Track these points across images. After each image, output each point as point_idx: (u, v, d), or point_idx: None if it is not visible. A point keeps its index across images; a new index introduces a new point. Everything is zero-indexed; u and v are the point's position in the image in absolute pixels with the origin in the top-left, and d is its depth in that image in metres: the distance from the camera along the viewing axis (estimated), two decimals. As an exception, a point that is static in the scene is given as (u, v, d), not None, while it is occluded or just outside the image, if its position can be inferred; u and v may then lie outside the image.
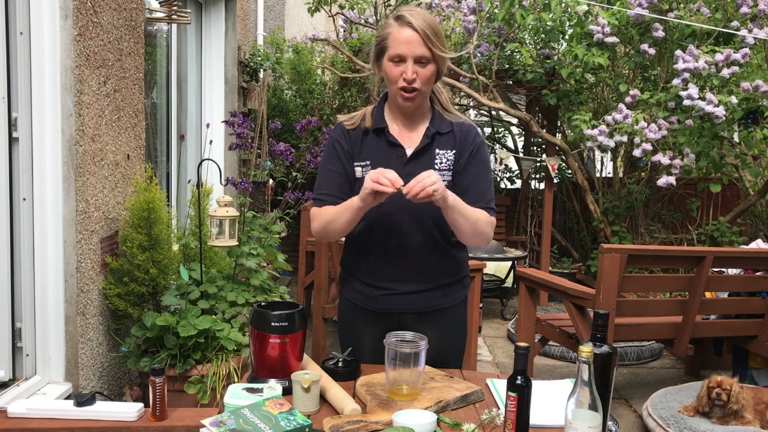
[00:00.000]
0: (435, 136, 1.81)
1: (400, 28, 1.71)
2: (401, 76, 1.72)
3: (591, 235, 6.45)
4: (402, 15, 1.72)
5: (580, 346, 1.28)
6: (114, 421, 2.02)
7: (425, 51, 1.70)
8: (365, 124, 1.83)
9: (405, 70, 1.71)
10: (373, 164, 1.78)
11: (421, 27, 1.69)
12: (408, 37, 1.69)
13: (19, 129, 2.48)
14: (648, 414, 3.23)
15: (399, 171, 1.70)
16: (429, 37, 1.69)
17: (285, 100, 6.73)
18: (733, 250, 4.03)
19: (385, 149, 1.81)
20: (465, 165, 1.81)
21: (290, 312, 1.64)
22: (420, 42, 1.69)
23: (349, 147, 1.83)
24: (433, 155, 1.80)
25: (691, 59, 4.46)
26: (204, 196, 3.25)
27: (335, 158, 1.84)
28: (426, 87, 1.76)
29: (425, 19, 1.71)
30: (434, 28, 1.71)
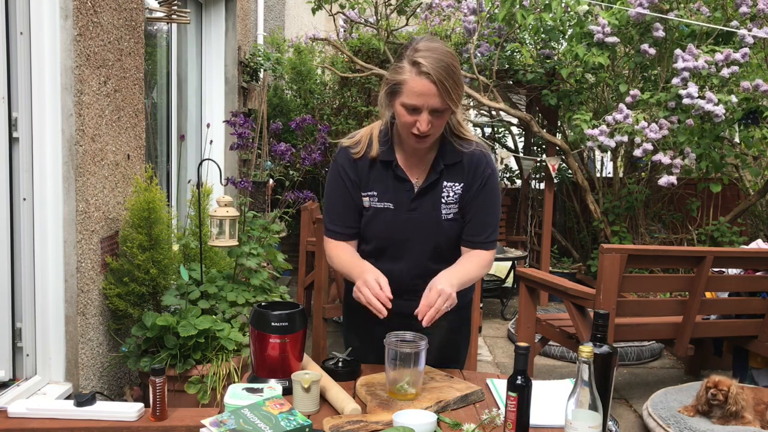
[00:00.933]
0: (443, 170, 1.74)
1: (416, 77, 1.58)
2: (414, 125, 1.62)
3: (591, 235, 6.45)
4: (419, 62, 1.57)
5: (580, 346, 1.28)
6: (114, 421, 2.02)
7: (442, 103, 1.59)
8: (371, 153, 1.74)
9: (419, 120, 1.61)
10: (380, 197, 1.76)
11: (439, 78, 1.56)
12: (424, 89, 1.57)
13: (19, 129, 2.48)
14: (648, 414, 3.23)
15: (406, 204, 1.75)
16: (447, 87, 1.57)
17: (285, 100, 6.73)
18: (733, 250, 4.03)
19: (393, 182, 1.75)
20: (472, 197, 1.76)
21: (290, 312, 1.64)
22: (437, 94, 1.57)
23: (356, 177, 1.76)
24: (440, 189, 1.75)
25: (691, 58, 4.46)
26: (204, 196, 3.25)
27: (343, 188, 1.77)
28: (438, 132, 1.68)
29: (443, 64, 1.57)
30: (453, 76, 1.58)
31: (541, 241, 6.01)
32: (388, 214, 1.76)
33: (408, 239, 1.77)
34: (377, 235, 1.78)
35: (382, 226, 1.77)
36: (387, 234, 1.77)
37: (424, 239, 1.77)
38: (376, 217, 1.77)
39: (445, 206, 1.75)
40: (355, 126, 6.19)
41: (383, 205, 1.76)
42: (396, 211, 1.75)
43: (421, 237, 1.76)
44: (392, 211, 1.75)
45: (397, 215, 1.75)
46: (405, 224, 1.75)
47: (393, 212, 1.75)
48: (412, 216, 1.75)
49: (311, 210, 5.06)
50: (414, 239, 1.77)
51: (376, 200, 1.76)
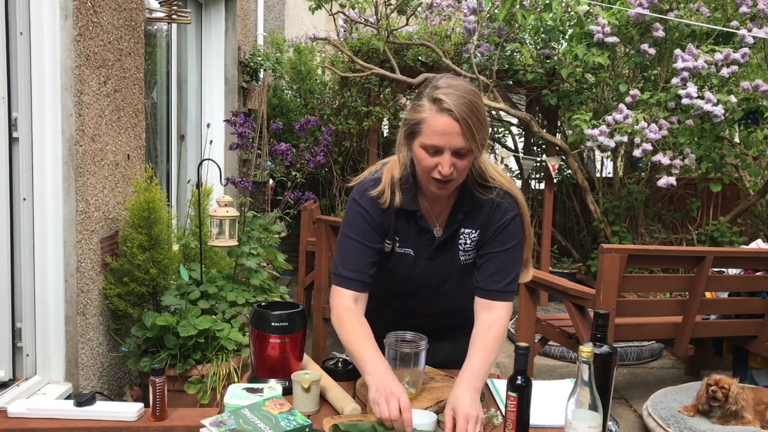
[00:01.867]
0: (462, 219, 1.66)
1: (437, 114, 1.47)
2: (436, 168, 1.51)
3: (591, 235, 6.45)
4: (440, 99, 1.46)
5: (580, 346, 1.28)
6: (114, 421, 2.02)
7: (465, 143, 1.47)
8: (395, 202, 1.63)
9: (441, 162, 1.49)
10: (402, 242, 1.68)
11: (462, 115, 1.45)
12: (446, 128, 1.46)
13: (19, 129, 2.48)
14: (648, 414, 3.23)
15: (426, 254, 1.68)
16: (471, 126, 1.46)
17: (285, 100, 6.73)
18: (733, 250, 4.03)
19: (415, 232, 1.67)
20: (488, 241, 1.66)
21: (290, 312, 1.64)
22: (460, 133, 1.46)
23: (381, 222, 1.65)
24: (458, 237, 1.68)
25: (691, 58, 4.47)
26: (204, 196, 3.25)
27: (363, 229, 1.64)
28: (462, 176, 1.56)
29: (466, 100, 1.46)
30: (477, 112, 1.47)
31: (541, 241, 6.01)
32: (408, 260, 1.71)
33: (428, 284, 1.75)
34: (399, 278, 1.74)
35: (402, 270, 1.73)
36: (407, 277, 1.74)
37: (445, 283, 1.75)
38: (397, 262, 1.72)
39: (463, 253, 1.69)
40: (355, 126, 6.19)
41: (404, 250, 1.69)
42: (416, 258, 1.70)
43: (442, 281, 1.74)
44: (412, 257, 1.70)
45: (417, 262, 1.71)
46: (424, 270, 1.72)
47: (413, 258, 1.70)
48: (431, 263, 1.71)
49: (311, 210, 5.06)
50: (435, 284, 1.75)
51: (398, 245, 1.69)
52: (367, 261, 1.64)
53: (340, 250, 1.67)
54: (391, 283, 1.76)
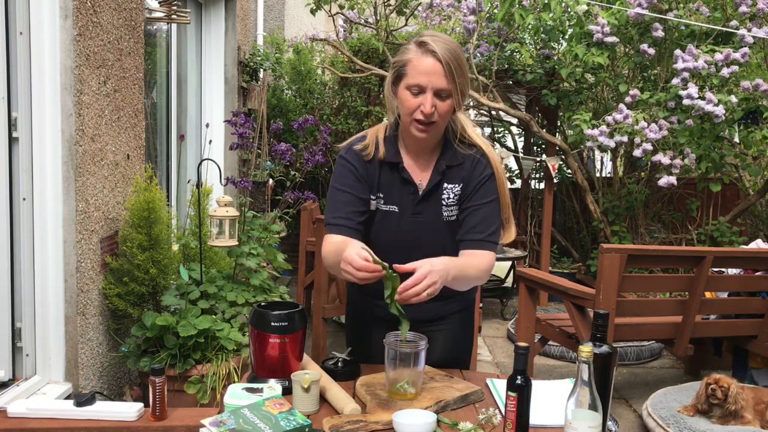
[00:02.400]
0: (445, 171, 1.73)
1: (422, 56, 1.58)
2: (418, 108, 1.60)
3: (591, 235, 6.45)
4: (425, 41, 1.58)
5: (580, 346, 1.28)
6: (114, 421, 2.02)
7: (447, 84, 1.58)
8: (379, 155, 1.73)
9: (423, 102, 1.59)
10: (386, 198, 1.74)
11: (444, 57, 1.56)
12: (429, 67, 1.57)
13: (19, 129, 2.48)
14: (648, 414, 3.23)
15: (410, 208, 1.73)
16: (452, 69, 1.57)
17: (285, 100, 6.73)
18: (733, 250, 4.03)
19: (398, 185, 1.74)
20: (470, 195, 1.74)
21: (290, 312, 1.64)
22: (442, 73, 1.57)
23: (366, 174, 1.73)
24: (441, 191, 1.74)
25: (691, 59, 4.47)
26: (204, 196, 3.25)
27: (351, 180, 1.72)
28: (443, 121, 1.65)
29: (449, 47, 1.58)
30: (458, 58, 1.59)
31: (541, 241, 6.01)
32: (393, 217, 1.75)
33: (414, 244, 1.75)
34: (384, 239, 1.76)
35: (388, 230, 1.76)
36: (394, 238, 1.75)
37: (431, 243, 1.75)
38: (382, 221, 1.76)
39: (446, 208, 1.74)
40: (355, 126, 6.19)
41: (389, 207, 1.74)
42: (401, 215, 1.74)
43: (427, 240, 1.74)
44: (397, 214, 1.74)
45: (402, 218, 1.74)
46: (410, 227, 1.74)
47: (398, 216, 1.74)
48: (416, 220, 1.74)
49: (311, 210, 5.06)
50: (421, 244, 1.75)
51: (383, 202, 1.75)
52: (355, 209, 1.71)
53: (328, 202, 1.75)
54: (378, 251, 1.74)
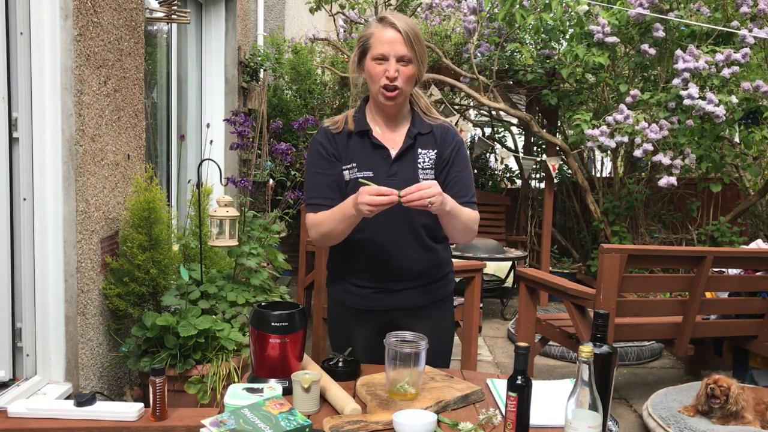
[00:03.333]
0: (417, 136, 1.86)
1: (383, 28, 1.78)
2: (384, 75, 1.77)
3: (591, 235, 6.45)
4: (385, 17, 1.79)
5: (580, 346, 1.28)
6: (114, 421, 2.03)
7: (407, 51, 1.76)
8: (348, 128, 1.87)
9: (388, 68, 1.76)
10: (359, 166, 1.83)
11: (403, 28, 1.76)
12: (391, 37, 1.76)
13: (19, 129, 2.48)
14: (648, 414, 3.23)
15: (384, 171, 1.82)
16: (410, 38, 1.76)
17: (285, 100, 6.73)
18: (733, 250, 4.03)
19: (370, 151, 1.85)
20: (449, 162, 1.87)
21: (290, 312, 1.64)
22: (402, 42, 1.76)
23: (334, 150, 1.85)
24: (416, 155, 1.85)
25: (692, 59, 4.46)
26: (204, 196, 3.25)
27: (321, 161, 1.86)
28: (407, 86, 1.81)
29: (407, 21, 1.79)
30: (416, 30, 1.78)
31: (541, 241, 6.01)
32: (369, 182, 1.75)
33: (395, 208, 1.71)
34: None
35: None
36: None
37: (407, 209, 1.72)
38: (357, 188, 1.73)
39: (422, 171, 1.84)
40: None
41: (362, 174, 1.82)
42: (375, 179, 1.78)
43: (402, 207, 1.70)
44: (372, 179, 1.78)
45: (377, 183, 1.72)
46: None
47: (373, 180, 1.76)
48: (392, 182, 1.76)
49: (311, 210, 5.05)
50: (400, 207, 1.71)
51: (356, 170, 1.83)
52: (329, 188, 1.84)
53: (306, 183, 1.91)
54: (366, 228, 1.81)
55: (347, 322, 1.95)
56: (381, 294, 1.88)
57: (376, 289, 1.88)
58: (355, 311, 1.92)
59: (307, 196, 1.88)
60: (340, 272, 1.96)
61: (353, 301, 1.92)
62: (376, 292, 1.88)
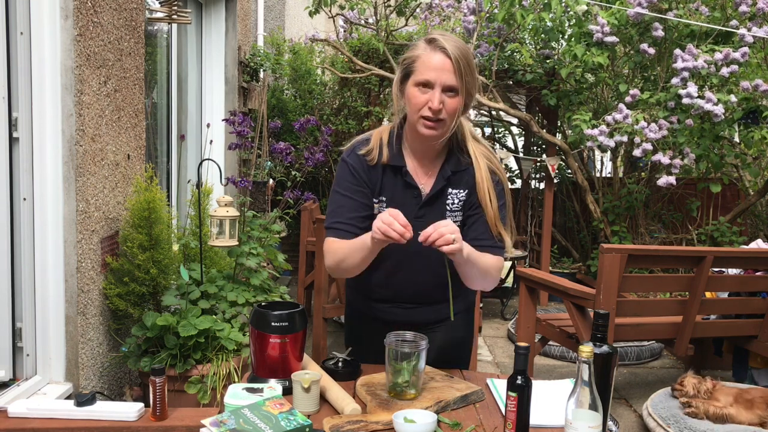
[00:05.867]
0: (450, 177, 1.72)
1: (431, 52, 1.58)
2: (426, 104, 1.59)
3: (591, 235, 6.45)
4: (435, 38, 1.59)
5: (580, 346, 1.28)
6: (114, 420, 2.02)
7: (456, 81, 1.57)
8: (383, 159, 1.71)
9: (431, 98, 1.58)
10: (389, 202, 1.72)
11: (454, 54, 1.56)
12: (439, 63, 1.57)
13: (19, 129, 2.48)
14: (648, 414, 3.23)
15: (413, 212, 1.69)
16: (461, 66, 1.56)
17: (284, 100, 6.73)
18: (733, 250, 4.02)
19: (402, 188, 1.73)
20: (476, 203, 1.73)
21: (290, 312, 1.65)
22: (451, 70, 1.56)
23: (368, 179, 1.72)
24: (445, 196, 1.73)
25: (691, 58, 4.47)
26: (204, 196, 3.25)
27: (353, 185, 1.71)
28: (451, 120, 1.63)
29: (459, 46, 1.59)
30: (468, 57, 1.59)
31: (541, 241, 6.01)
32: None
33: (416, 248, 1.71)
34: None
35: None
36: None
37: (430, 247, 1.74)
38: None
39: (450, 213, 1.73)
40: (355, 126, 6.19)
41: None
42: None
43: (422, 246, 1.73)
44: None
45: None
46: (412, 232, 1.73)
47: None
48: (418, 224, 1.70)
49: (311, 210, 5.06)
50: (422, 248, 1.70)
51: (385, 206, 1.72)
52: (356, 215, 1.71)
53: (330, 205, 1.75)
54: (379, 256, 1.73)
55: (361, 328, 1.93)
56: (394, 309, 1.84)
57: (389, 305, 1.84)
58: (369, 318, 1.89)
59: (329, 218, 1.73)
60: (355, 285, 1.90)
61: (367, 311, 1.89)
62: (390, 307, 1.84)
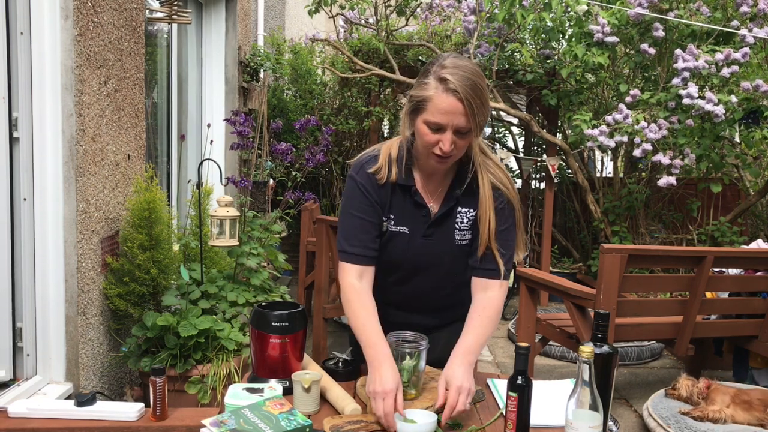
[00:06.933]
0: (459, 197, 1.70)
1: (442, 93, 1.51)
2: (437, 145, 1.56)
3: (591, 235, 6.45)
4: (446, 79, 1.51)
5: (580, 346, 1.28)
6: (114, 421, 2.02)
7: (467, 123, 1.53)
8: (391, 177, 1.68)
9: (442, 139, 1.55)
10: (396, 220, 1.71)
11: (466, 96, 1.50)
12: (451, 107, 1.51)
13: (19, 129, 2.48)
14: (648, 414, 3.23)
15: (422, 231, 1.70)
16: (473, 106, 1.51)
17: (285, 100, 6.73)
18: (734, 250, 4.02)
19: (411, 207, 1.70)
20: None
21: (291, 312, 1.65)
22: (463, 113, 1.51)
23: (378, 198, 1.69)
24: (455, 215, 1.71)
25: (691, 58, 4.46)
26: (204, 196, 3.25)
27: (365, 205, 1.68)
28: (460, 154, 1.62)
29: (471, 82, 1.51)
30: (480, 94, 1.52)
31: (542, 241, 6.01)
32: (403, 238, 1.71)
33: (423, 266, 1.74)
34: (393, 260, 1.74)
35: (397, 251, 1.73)
36: (402, 258, 1.73)
37: (440, 265, 1.74)
38: (392, 242, 1.73)
39: (458, 232, 1.71)
40: (355, 126, 6.19)
41: (399, 229, 1.71)
42: (411, 237, 1.71)
43: (437, 263, 1.73)
44: (407, 236, 1.71)
45: (413, 240, 1.71)
46: (419, 249, 1.72)
47: (408, 237, 1.71)
48: (427, 242, 1.72)
49: (312, 210, 5.06)
50: (429, 266, 1.74)
51: (393, 224, 1.71)
52: (369, 236, 1.69)
53: (342, 227, 1.71)
54: (386, 270, 1.75)
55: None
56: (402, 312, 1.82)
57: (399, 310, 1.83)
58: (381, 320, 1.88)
59: (344, 239, 1.69)
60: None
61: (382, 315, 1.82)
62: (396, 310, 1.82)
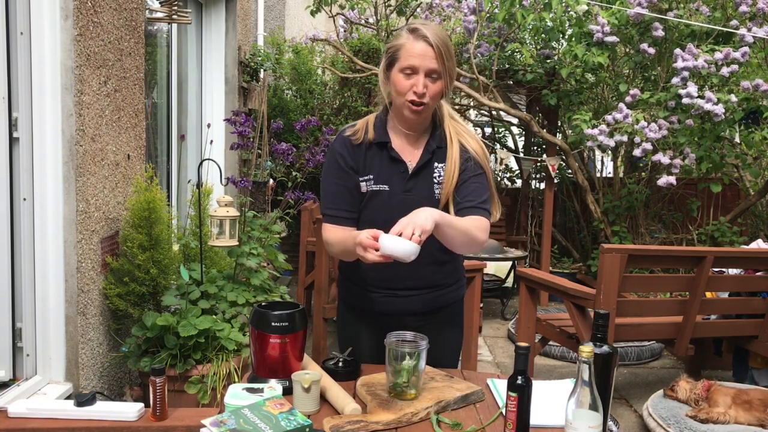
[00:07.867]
0: (435, 150, 1.82)
1: (414, 40, 1.71)
2: (411, 89, 1.71)
3: (591, 235, 6.45)
4: (417, 28, 1.72)
5: (580, 346, 1.28)
6: (114, 421, 2.03)
7: (437, 65, 1.70)
8: (368, 137, 1.82)
9: (416, 83, 1.71)
10: (376, 179, 1.81)
11: (435, 42, 1.69)
12: (422, 50, 1.70)
13: (19, 129, 2.48)
14: (648, 414, 3.23)
15: (401, 186, 1.80)
16: (442, 52, 1.70)
17: (285, 100, 6.73)
18: (734, 250, 4.02)
19: (388, 164, 1.81)
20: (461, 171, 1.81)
21: (290, 312, 1.65)
22: (433, 56, 1.69)
23: (353, 161, 1.81)
24: (431, 169, 1.82)
25: (691, 58, 4.47)
26: (204, 196, 3.25)
27: (339, 171, 1.82)
28: (433, 102, 1.76)
29: (439, 34, 1.71)
30: (447, 44, 1.72)
31: (542, 241, 6.01)
32: (384, 196, 1.80)
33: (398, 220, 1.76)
34: (375, 219, 1.78)
35: (379, 209, 1.80)
36: (385, 217, 1.75)
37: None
38: (373, 200, 1.81)
39: (437, 186, 1.81)
40: (355, 126, 6.18)
41: (379, 187, 1.80)
42: (391, 193, 1.79)
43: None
44: (388, 192, 1.79)
45: (393, 197, 1.79)
46: (401, 206, 1.74)
47: (388, 194, 1.79)
48: (407, 197, 1.78)
49: (312, 210, 5.06)
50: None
51: (372, 183, 1.81)
52: (344, 200, 1.82)
53: (323, 193, 1.86)
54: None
55: (355, 324, 1.95)
56: (390, 298, 1.87)
57: (385, 293, 1.88)
58: (363, 312, 1.92)
59: (324, 205, 1.85)
60: (348, 274, 1.95)
61: (361, 303, 1.92)
62: (384, 296, 1.88)
